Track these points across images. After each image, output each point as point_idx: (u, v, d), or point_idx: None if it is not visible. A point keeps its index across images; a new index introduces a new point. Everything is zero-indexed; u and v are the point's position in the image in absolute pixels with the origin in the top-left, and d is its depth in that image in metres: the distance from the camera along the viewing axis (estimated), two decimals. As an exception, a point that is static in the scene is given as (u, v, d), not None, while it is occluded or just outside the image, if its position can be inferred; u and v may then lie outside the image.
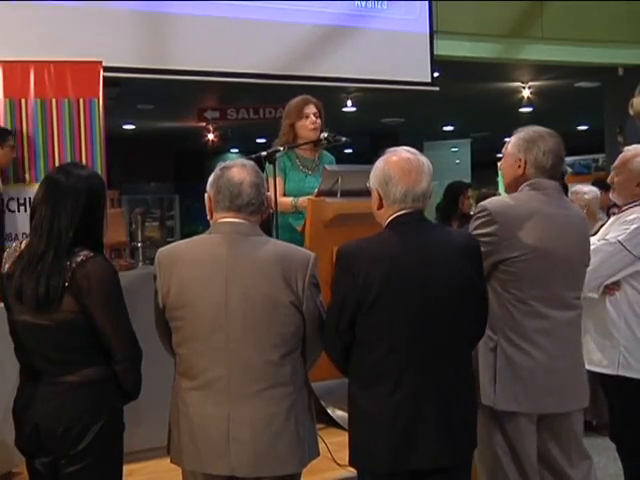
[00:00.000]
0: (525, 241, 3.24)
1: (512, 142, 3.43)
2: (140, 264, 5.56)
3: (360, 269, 2.79)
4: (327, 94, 9.41)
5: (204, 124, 14.51)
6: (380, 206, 2.93)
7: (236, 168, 2.89)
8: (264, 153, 4.37)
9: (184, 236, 15.01)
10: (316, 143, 4.86)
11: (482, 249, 3.13)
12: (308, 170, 4.94)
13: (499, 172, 12.44)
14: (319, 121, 4.89)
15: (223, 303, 2.77)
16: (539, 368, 3.24)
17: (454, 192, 7.24)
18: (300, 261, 2.86)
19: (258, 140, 16.81)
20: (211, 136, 15.68)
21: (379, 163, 2.94)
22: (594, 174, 11.20)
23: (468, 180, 11.60)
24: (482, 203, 3.40)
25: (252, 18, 7.71)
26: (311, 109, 4.89)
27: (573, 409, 3.37)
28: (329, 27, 8.17)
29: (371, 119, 15.46)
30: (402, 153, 2.94)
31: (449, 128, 17.88)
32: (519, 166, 3.39)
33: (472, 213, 7.04)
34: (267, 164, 4.39)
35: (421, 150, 2.98)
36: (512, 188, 3.45)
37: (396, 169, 2.88)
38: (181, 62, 7.44)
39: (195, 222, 14.78)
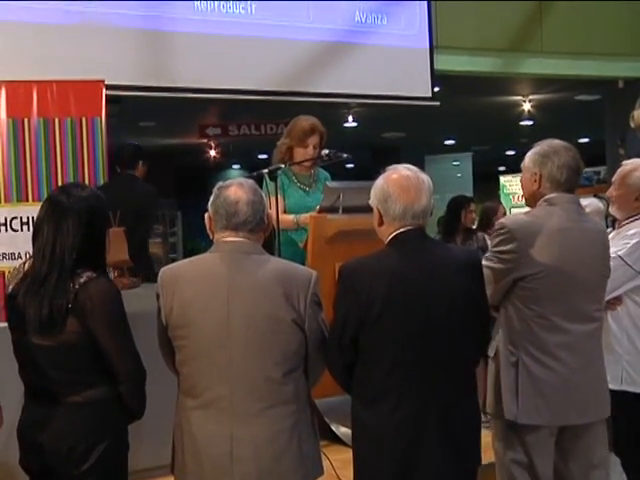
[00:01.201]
0: (544, 257, 3.25)
1: (528, 156, 3.46)
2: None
3: (362, 286, 2.80)
4: (328, 110, 9.48)
5: (205, 140, 14.57)
6: (381, 223, 2.95)
7: (233, 187, 2.91)
8: (265, 170, 4.39)
9: (187, 252, 15.03)
10: (317, 161, 4.89)
11: (502, 266, 3.22)
12: (306, 186, 4.96)
13: (501, 185, 12.49)
14: (316, 152, 4.88)
15: (225, 322, 2.78)
16: (560, 381, 3.25)
17: (456, 206, 7.24)
18: (302, 280, 2.87)
19: (260, 156, 16.85)
20: (213, 152, 15.74)
21: (379, 181, 2.96)
22: (596, 187, 11.21)
23: (470, 193, 11.61)
24: (501, 220, 3.44)
25: (253, 35, 7.74)
26: (313, 140, 4.89)
27: (595, 419, 3.36)
28: (329, 44, 8.20)
29: (372, 134, 15.50)
30: (402, 171, 2.95)
31: (450, 142, 17.90)
32: (535, 180, 3.42)
33: (474, 227, 7.07)
34: (268, 181, 4.40)
35: (422, 164, 3.01)
36: (531, 203, 3.49)
37: (395, 187, 2.90)
38: (182, 79, 7.46)
39: (197, 238, 14.80)
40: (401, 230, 2.90)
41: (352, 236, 4.09)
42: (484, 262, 3.36)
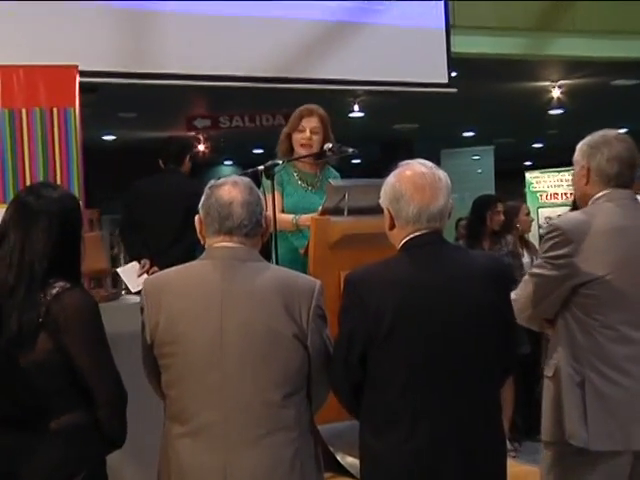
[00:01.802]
0: (604, 260, 3.28)
1: (578, 148, 3.49)
2: (123, 293, 5.59)
3: (371, 298, 2.81)
4: (332, 98, 9.46)
5: (193, 133, 14.55)
6: (392, 226, 2.95)
7: (226, 186, 2.93)
8: (261, 167, 4.38)
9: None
10: (319, 156, 4.87)
11: (558, 273, 3.24)
12: (308, 186, 4.95)
13: (527, 182, 12.47)
14: (315, 137, 4.88)
15: (218, 337, 2.79)
16: (632, 398, 3.26)
17: (482, 207, 7.22)
18: (304, 289, 2.89)
19: (255, 151, 16.86)
20: (202, 147, 15.70)
21: (390, 178, 2.96)
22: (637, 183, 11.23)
23: (491, 192, 11.60)
24: (553, 222, 3.47)
25: (246, 14, 7.73)
26: (310, 122, 4.89)
27: None
28: (333, 23, 8.21)
29: (381, 125, 15.52)
30: (416, 167, 2.94)
31: (469, 134, 17.93)
32: (583, 175, 3.46)
33: (499, 229, 7.06)
34: (264, 179, 4.40)
35: (438, 159, 3.03)
36: (582, 201, 3.52)
37: (408, 185, 2.89)
38: (167, 64, 7.46)
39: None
40: (415, 234, 2.90)
41: (359, 241, 4.08)
42: (534, 270, 3.42)
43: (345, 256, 4.04)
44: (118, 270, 5.85)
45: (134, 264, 5.81)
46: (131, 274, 5.69)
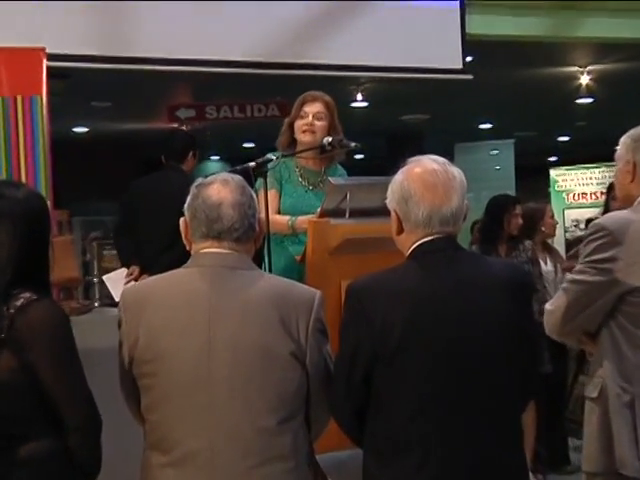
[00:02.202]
0: None
1: (621, 141, 3.49)
2: (97, 304, 5.58)
3: (376, 311, 2.80)
4: (332, 86, 9.43)
5: (176, 125, 14.55)
6: (400, 230, 2.95)
7: (216, 185, 2.94)
8: (252, 164, 4.34)
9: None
10: (321, 151, 4.83)
11: (602, 278, 3.23)
12: (309, 185, 4.92)
13: (552, 180, 12.47)
14: (319, 124, 4.85)
15: (205, 355, 2.78)
16: None
17: (498, 209, 7.21)
18: (302, 301, 2.89)
19: (245, 144, 16.85)
20: None
21: (398, 176, 2.96)
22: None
23: (512, 191, 11.61)
24: (597, 221, 3.47)
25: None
26: (313, 108, 4.87)
27: None
28: (333, 2, 8.19)
29: (388, 116, 15.52)
30: (426, 163, 2.94)
31: (486, 126, 17.94)
32: (628, 171, 3.47)
33: (517, 234, 7.06)
34: (257, 178, 4.38)
35: (452, 154, 3.01)
36: (626, 201, 3.52)
37: (418, 184, 2.89)
38: (146, 48, 7.45)
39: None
40: (426, 239, 2.90)
41: (362, 246, 4.07)
42: (574, 276, 3.40)
43: (347, 263, 4.03)
44: (104, 277, 5.86)
45: (122, 271, 5.82)
46: (118, 282, 5.71)
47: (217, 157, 20.32)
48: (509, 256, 6.92)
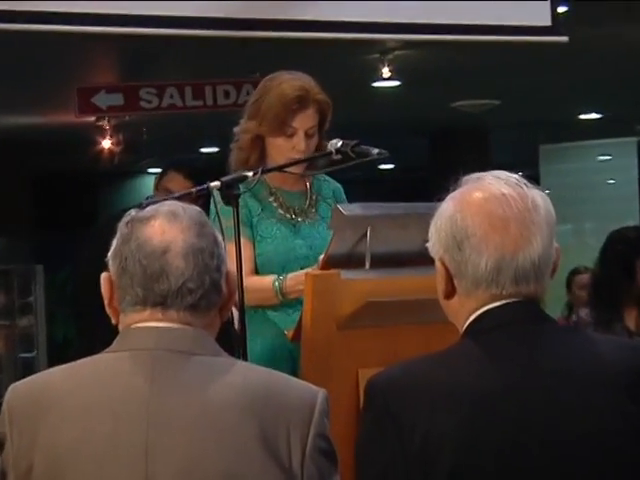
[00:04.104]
0: None
1: None
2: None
3: (415, 419, 2.41)
4: (343, 56, 8.04)
5: (92, 119, 11.91)
6: (451, 292, 2.52)
7: (158, 221, 2.46)
8: (215, 183, 3.51)
9: (55, 347, 13.43)
10: (330, 162, 3.94)
11: None
12: (294, 215, 4.06)
13: None
14: (312, 143, 3.94)
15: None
16: None
17: (625, 251, 5.89)
18: (296, 406, 2.44)
19: (203, 149, 15.07)
20: (107, 143, 12.78)
21: (447, 205, 2.52)
22: None
23: (636, 218, 10.13)
24: None
25: None
26: (305, 120, 3.90)
27: None
28: None
29: (431, 102, 13.19)
30: (492, 185, 2.50)
31: (591, 116, 15.14)
32: None
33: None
34: (222, 205, 3.58)
35: (535, 161, 1.94)
36: None
37: (479, 219, 2.47)
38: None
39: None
40: (491, 306, 2.47)
41: (391, 315, 3.48)
42: None
43: (367, 343, 3.51)
44: None
45: None
46: None
47: (157, 169, 17.00)
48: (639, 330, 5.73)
